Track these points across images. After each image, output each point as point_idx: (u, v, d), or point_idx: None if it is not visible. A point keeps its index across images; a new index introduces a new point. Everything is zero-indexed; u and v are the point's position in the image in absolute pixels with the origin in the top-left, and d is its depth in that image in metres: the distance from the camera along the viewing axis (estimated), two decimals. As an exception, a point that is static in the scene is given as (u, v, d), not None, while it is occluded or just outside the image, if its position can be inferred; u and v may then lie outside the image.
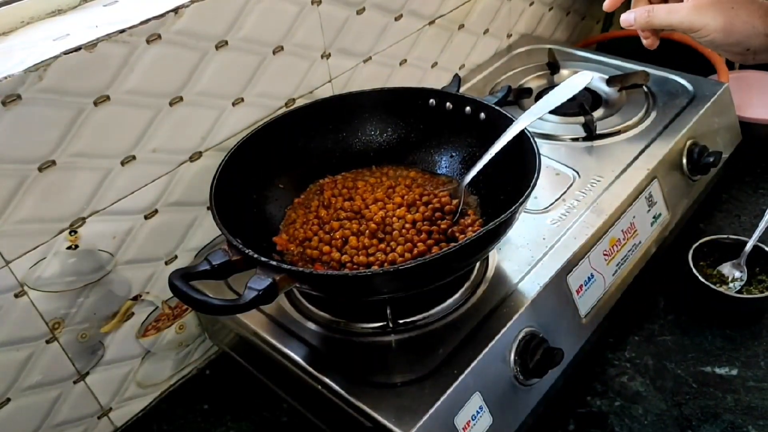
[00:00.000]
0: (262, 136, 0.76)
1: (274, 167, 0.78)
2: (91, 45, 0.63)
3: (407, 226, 0.71)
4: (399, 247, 0.69)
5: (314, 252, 0.70)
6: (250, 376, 0.81)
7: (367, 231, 0.71)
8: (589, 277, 0.76)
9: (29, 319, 0.67)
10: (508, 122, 0.72)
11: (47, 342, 0.69)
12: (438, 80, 1.12)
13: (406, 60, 1.04)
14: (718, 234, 0.89)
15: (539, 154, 0.65)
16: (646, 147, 0.91)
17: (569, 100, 0.74)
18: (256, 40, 0.78)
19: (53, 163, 0.64)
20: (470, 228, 0.71)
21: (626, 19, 0.68)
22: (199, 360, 0.88)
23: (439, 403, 0.59)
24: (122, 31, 0.65)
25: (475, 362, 0.62)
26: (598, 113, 1.00)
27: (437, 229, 0.71)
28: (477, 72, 1.18)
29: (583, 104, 0.98)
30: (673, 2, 0.66)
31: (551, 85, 1.09)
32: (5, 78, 0.58)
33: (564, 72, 1.12)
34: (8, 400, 0.68)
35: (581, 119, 0.96)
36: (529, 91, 1.07)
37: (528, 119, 0.71)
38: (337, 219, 0.74)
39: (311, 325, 0.70)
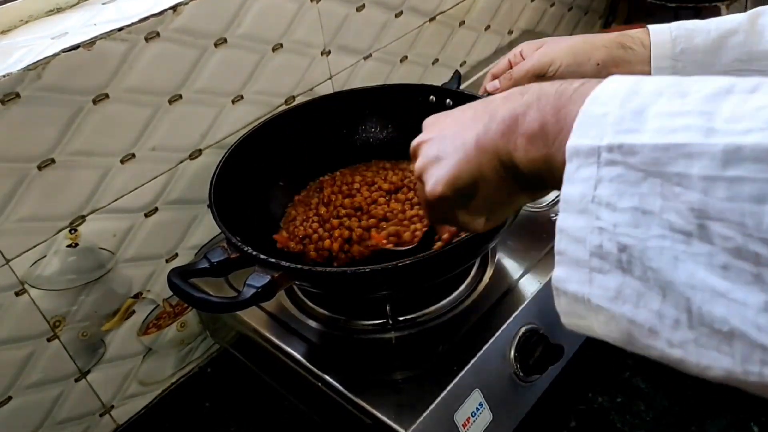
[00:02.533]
0: (262, 133, 0.76)
1: (274, 165, 0.78)
2: (90, 43, 0.63)
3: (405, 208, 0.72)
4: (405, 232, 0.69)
5: (313, 252, 0.70)
6: (251, 374, 0.81)
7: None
8: (590, 274, 0.75)
9: (30, 317, 0.67)
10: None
11: (48, 340, 0.70)
12: (439, 77, 1.12)
13: (406, 57, 1.04)
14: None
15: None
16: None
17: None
18: (255, 38, 0.78)
19: (53, 161, 0.64)
20: None
21: (493, 84, 0.74)
22: (200, 358, 0.88)
23: (438, 399, 0.59)
24: (121, 29, 0.65)
25: (475, 359, 0.62)
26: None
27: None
28: (478, 69, 1.17)
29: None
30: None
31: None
32: (4, 76, 0.58)
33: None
34: (10, 398, 0.68)
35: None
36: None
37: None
38: (336, 216, 0.74)
39: (311, 323, 0.70)
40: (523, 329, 0.66)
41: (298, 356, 0.66)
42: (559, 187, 0.30)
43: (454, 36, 1.12)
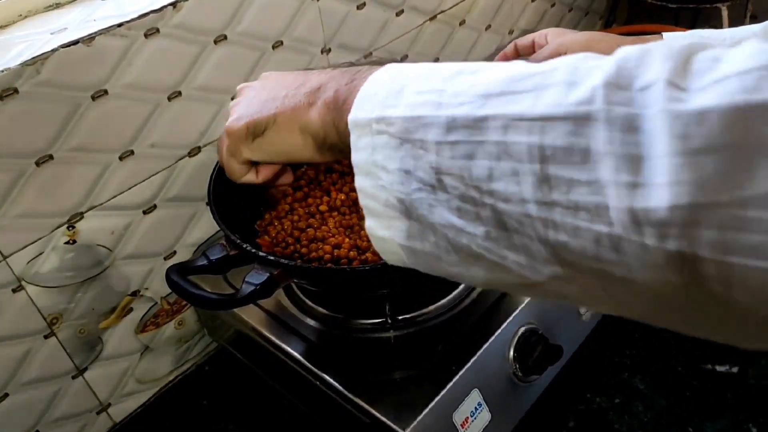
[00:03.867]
0: (261, 131, 0.75)
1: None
2: (89, 39, 0.63)
3: None
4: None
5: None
6: (249, 373, 0.81)
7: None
8: (589, 274, 0.75)
9: (27, 314, 0.67)
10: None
11: (45, 337, 0.69)
12: (439, 76, 1.11)
13: (407, 56, 1.04)
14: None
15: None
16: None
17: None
18: (255, 35, 0.78)
19: (51, 157, 0.64)
20: None
21: None
22: (198, 356, 0.87)
23: (437, 399, 0.58)
24: (120, 24, 0.65)
25: (474, 359, 0.62)
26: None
27: None
28: (478, 68, 1.17)
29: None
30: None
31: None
32: (2, 72, 0.58)
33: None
34: (6, 395, 0.68)
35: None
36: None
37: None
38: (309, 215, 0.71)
39: (310, 321, 0.69)
40: (522, 329, 0.66)
41: (297, 355, 0.66)
42: (346, 152, 0.37)
43: (455, 35, 1.12)
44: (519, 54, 0.76)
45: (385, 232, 0.36)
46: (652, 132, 0.25)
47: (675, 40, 0.64)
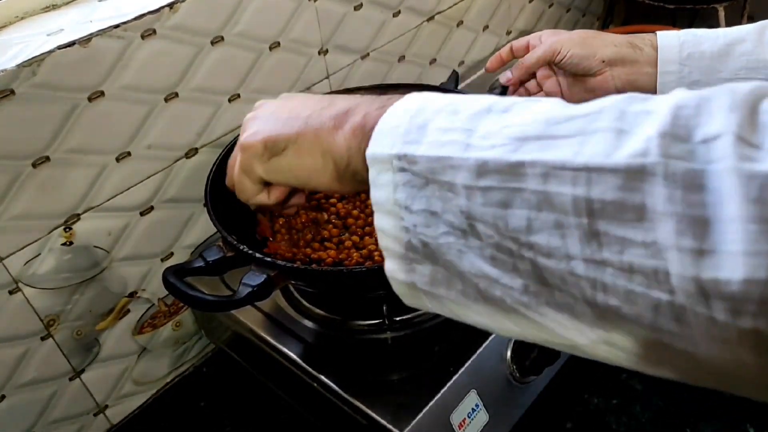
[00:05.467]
0: (259, 132, 0.75)
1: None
2: (86, 40, 0.63)
3: None
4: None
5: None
6: (247, 374, 0.81)
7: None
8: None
9: (24, 315, 0.67)
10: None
11: (42, 339, 0.69)
12: (436, 77, 1.12)
13: (404, 56, 1.04)
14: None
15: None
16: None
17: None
18: (252, 36, 0.78)
19: (47, 159, 0.64)
20: None
21: (506, 75, 0.75)
22: (195, 358, 0.87)
23: (435, 400, 0.58)
24: (117, 26, 0.65)
25: (472, 360, 0.62)
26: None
27: None
28: (476, 69, 1.17)
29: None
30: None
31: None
32: (-2, 73, 0.58)
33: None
34: (3, 397, 0.68)
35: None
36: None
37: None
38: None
39: (307, 323, 0.69)
40: (519, 330, 0.66)
41: (294, 356, 0.66)
42: (368, 187, 0.34)
43: (452, 36, 1.12)
44: (514, 55, 0.76)
45: (407, 276, 0.34)
46: (721, 192, 0.22)
47: (669, 36, 0.64)
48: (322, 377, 0.63)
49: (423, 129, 0.31)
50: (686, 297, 0.23)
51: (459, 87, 0.84)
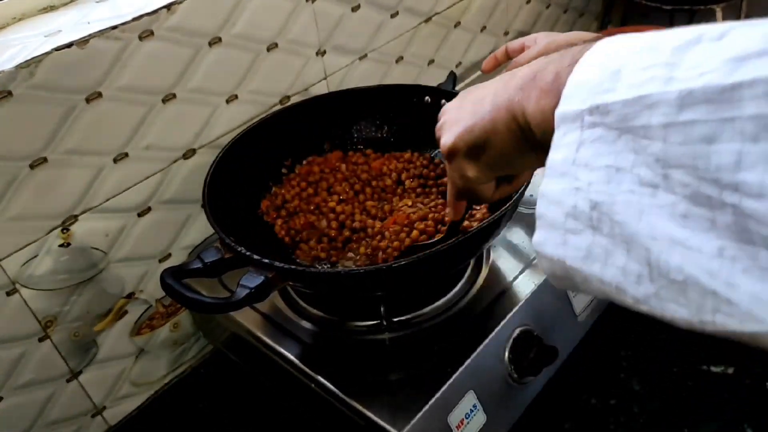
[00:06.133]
0: (256, 133, 0.76)
1: (268, 165, 0.78)
2: (83, 41, 0.63)
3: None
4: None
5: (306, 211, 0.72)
6: (244, 375, 0.81)
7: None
8: (584, 275, 0.75)
9: (21, 317, 0.67)
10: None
11: (40, 340, 0.69)
12: (434, 78, 1.12)
13: (402, 57, 1.04)
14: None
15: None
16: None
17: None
18: (249, 37, 0.78)
19: (45, 160, 0.64)
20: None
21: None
22: (193, 359, 0.87)
23: (433, 401, 0.58)
24: (114, 27, 0.65)
25: (470, 360, 0.62)
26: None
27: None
28: (473, 70, 1.17)
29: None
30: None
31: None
32: (-4, 74, 0.58)
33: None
34: (0, 398, 0.68)
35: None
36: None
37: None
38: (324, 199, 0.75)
39: (305, 324, 0.69)
40: (517, 331, 0.66)
41: (292, 357, 0.66)
42: None
43: (450, 37, 1.12)
44: (510, 56, 0.76)
45: (556, 250, 0.31)
46: None
47: None
48: (320, 378, 0.63)
49: (617, 75, 0.28)
50: None
51: (456, 88, 0.84)
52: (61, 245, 0.68)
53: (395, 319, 0.68)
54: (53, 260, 0.68)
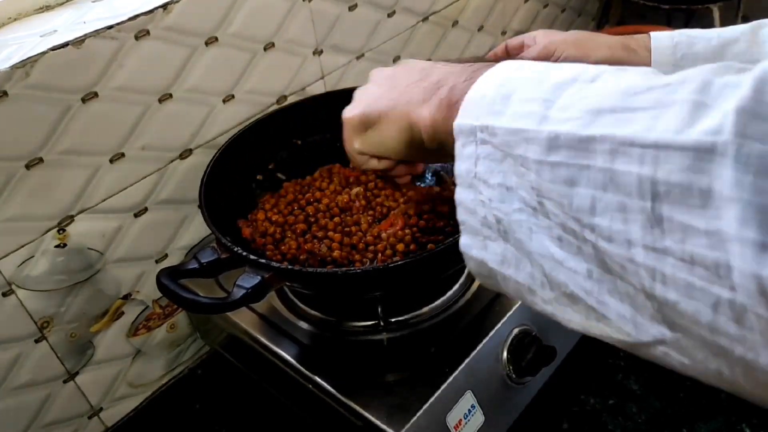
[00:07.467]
0: (253, 133, 0.75)
1: (265, 165, 0.78)
2: (79, 41, 0.62)
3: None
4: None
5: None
6: (242, 376, 0.80)
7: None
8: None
9: (18, 318, 0.66)
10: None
11: (36, 341, 0.69)
12: (432, 77, 1.11)
13: (399, 57, 1.03)
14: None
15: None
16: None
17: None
18: (246, 37, 0.78)
19: (41, 160, 0.63)
20: None
21: None
22: (190, 360, 0.87)
23: (430, 401, 0.58)
24: (110, 27, 0.64)
25: (468, 360, 0.62)
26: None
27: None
28: (471, 69, 1.17)
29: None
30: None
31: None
32: (-9, 74, 0.58)
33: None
34: (-4, 400, 0.68)
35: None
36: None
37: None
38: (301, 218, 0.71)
39: (303, 324, 0.69)
40: (515, 331, 0.66)
41: (289, 358, 0.65)
42: (452, 156, 0.33)
43: (447, 36, 1.12)
44: (509, 54, 0.76)
45: (479, 253, 0.33)
46: None
47: (663, 38, 0.64)
48: (318, 379, 0.62)
49: (507, 99, 0.30)
50: (747, 296, 0.21)
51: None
52: (57, 246, 0.68)
53: (393, 320, 0.67)
54: (49, 261, 0.67)
